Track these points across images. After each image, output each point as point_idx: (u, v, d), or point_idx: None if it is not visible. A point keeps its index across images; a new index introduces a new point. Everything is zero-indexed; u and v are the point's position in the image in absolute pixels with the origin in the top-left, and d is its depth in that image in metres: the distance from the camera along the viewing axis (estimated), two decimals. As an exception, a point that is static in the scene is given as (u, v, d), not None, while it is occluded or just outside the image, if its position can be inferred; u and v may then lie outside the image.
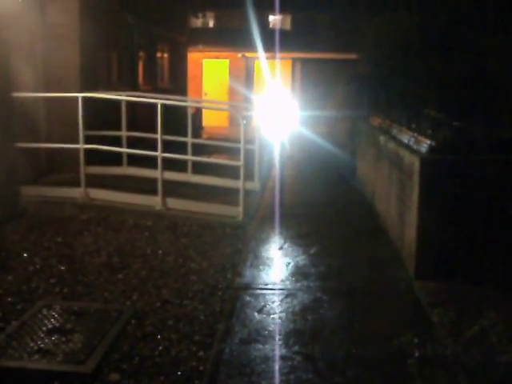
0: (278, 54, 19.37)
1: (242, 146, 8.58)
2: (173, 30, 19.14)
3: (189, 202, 8.77)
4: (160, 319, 5.01)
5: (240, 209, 8.40)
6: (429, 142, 6.33)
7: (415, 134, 6.99)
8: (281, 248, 7.09)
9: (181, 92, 18.73)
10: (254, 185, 10.38)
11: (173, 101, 10.32)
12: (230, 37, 20.61)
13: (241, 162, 8.55)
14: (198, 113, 18.54)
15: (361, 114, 12.69)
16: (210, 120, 21.32)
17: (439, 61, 8.12)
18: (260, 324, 4.91)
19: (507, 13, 7.71)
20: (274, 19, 23.44)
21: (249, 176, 9.63)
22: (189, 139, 10.99)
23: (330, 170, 13.23)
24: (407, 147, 6.89)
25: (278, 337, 4.67)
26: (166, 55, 18.72)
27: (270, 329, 4.81)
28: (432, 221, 5.94)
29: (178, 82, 19.85)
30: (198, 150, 11.46)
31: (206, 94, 22.48)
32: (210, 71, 23.00)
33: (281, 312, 5.17)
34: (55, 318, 4.84)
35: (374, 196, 9.20)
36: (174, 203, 8.68)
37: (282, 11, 21.72)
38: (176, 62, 19.71)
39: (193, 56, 21.96)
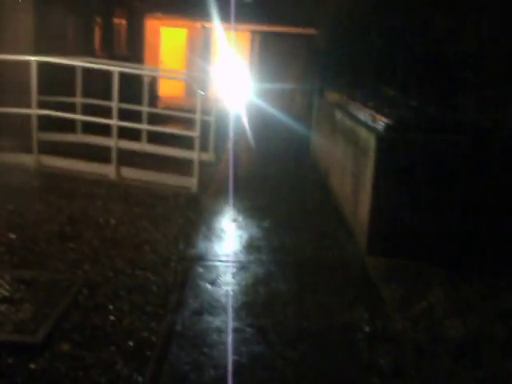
0: (237, 26, 19.17)
1: (198, 116, 8.53)
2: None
3: (143, 172, 8.71)
4: (112, 289, 4.97)
5: (194, 180, 8.38)
6: (385, 120, 6.38)
7: (372, 112, 7.04)
8: (234, 220, 7.11)
9: (138, 60, 18.40)
10: (209, 156, 10.35)
11: (129, 69, 10.15)
12: (189, 6, 20.30)
13: (196, 133, 8.52)
14: (154, 82, 18.31)
15: (318, 88, 12.72)
16: (166, 89, 21.05)
17: (398, 40, 8.17)
18: (212, 296, 4.93)
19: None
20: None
21: (204, 147, 9.59)
22: (144, 108, 10.88)
23: (286, 144, 13.28)
24: (364, 124, 6.94)
25: (230, 309, 4.70)
26: (123, 22, 18.33)
27: (222, 300, 4.84)
28: (385, 198, 6.02)
29: (135, 50, 19.51)
30: (154, 119, 11.35)
31: (162, 63, 22.18)
32: (168, 40, 22.66)
33: (233, 284, 5.20)
34: (4, 287, 4.75)
35: (329, 171, 9.26)
36: (128, 172, 8.60)
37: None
38: (133, 30, 19.34)
39: (151, 24, 21.58)
